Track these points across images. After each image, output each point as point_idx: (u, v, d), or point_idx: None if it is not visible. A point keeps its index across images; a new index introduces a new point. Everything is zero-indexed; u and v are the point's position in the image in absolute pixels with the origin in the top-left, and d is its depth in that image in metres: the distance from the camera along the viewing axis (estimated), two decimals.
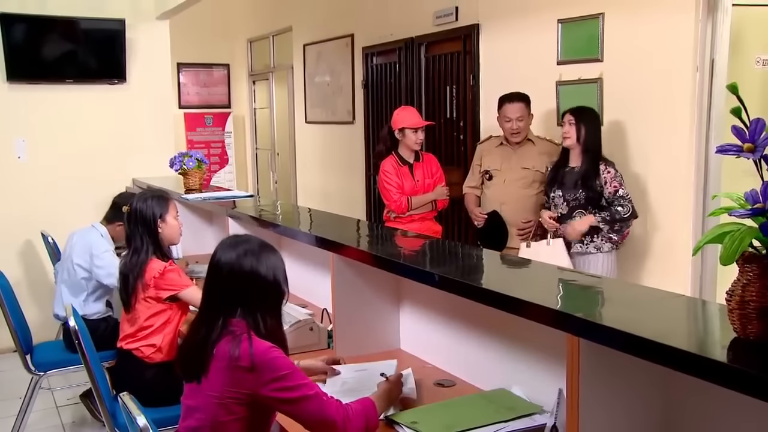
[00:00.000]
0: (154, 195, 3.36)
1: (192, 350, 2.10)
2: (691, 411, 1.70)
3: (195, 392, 2.06)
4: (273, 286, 2.13)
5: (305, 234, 3.16)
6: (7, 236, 5.49)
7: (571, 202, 3.85)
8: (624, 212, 3.73)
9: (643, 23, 3.98)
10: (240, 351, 1.96)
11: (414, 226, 4.31)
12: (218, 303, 2.11)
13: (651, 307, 1.79)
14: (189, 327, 2.23)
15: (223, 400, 1.98)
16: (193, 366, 2.07)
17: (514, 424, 2.02)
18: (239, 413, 2.00)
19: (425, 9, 5.74)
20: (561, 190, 3.90)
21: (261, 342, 2.00)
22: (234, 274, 2.10)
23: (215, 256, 2.15)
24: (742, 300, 1.38)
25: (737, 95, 1.33)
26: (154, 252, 3.22)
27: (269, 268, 2.12)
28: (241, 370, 1.96)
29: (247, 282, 2.10)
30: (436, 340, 2.64)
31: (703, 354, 1.37)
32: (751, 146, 1.32)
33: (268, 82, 9.43)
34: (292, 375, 1.99)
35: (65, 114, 5.70)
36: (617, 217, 3.73)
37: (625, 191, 3.76)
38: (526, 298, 1.82)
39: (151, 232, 3.24)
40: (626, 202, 3.74)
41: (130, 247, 3.26)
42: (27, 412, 3.85)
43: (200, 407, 2.04)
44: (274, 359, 1.98)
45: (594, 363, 1.64)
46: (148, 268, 3.18)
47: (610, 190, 3.75)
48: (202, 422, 2.04)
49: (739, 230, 1.35)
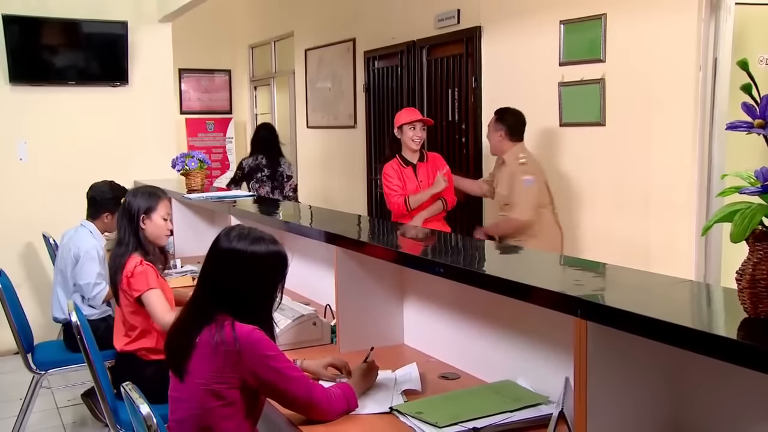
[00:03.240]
0: (146, 190, 3.27)
1: (176, 341, 2.11)
2: (701, 397, 1.68)
3: (181, 383, 2.07)
4: (269, 273, 2.13)
5: (309, 228, 3.15)
6: (8, 238, 5.48)
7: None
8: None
9: (645, 23, 3.98)
10: (224, 336, 1.97)
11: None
12: (209, 293, 2.11)
13: (657, 291, 1.78)
14: (176, 318, 2.23)
15: (210, 386, 1.99)
16: (177, 358, 2.08)
17: (519, 414, 2.01)
18: (227, 398, 2.00)
19: (427, 12, 5.75)
20: None
21: (243, 326, 2.01)
22: (231, 258, 2.10)
23: (214, 242, 2.16)
24: (753, 279, 1.37)
25: (747, 71, 1.32)
26: (135, 248, 3.12)
27: (266, 254, 2.12)
28: (226, 354, 1.96)
29: (243, 267, 2.09)
30: (440, 335, 2.63)
31: (715, 332, 1.36)
32: (761, 122, 1.31)
33: (269, 87, 9.44)
34: (278, 357, 2.01)
35: (67, 116, 5.70)
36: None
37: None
38: (532, 283, 1.81)
39: (133, 226, 3.14)
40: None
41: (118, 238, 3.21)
42: (28, 411, 3.83)
43: (187, 397, 2.05)
44: (259, 340, 1.99)
45: (601, 348, 1.62)
46: (126, 263, 3.07)
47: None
48: (190, 411, 2.04)
49: (750, 208, 1.34)
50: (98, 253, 4.02)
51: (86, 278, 3.95)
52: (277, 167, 6.09)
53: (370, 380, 2.29)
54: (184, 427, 2.07)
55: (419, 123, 4.42)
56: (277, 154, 6.16)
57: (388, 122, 6.46)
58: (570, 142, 4.50)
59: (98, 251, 4.02)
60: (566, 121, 4.50)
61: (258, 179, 6.01)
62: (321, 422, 2.05)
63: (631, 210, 4.11)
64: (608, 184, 4.25)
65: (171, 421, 2.12)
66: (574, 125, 4.45)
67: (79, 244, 4.00)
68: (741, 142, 3.85)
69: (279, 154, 6.17)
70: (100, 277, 3.98)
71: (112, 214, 4.09)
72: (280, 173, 6.09)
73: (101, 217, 4.12)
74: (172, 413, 2.12)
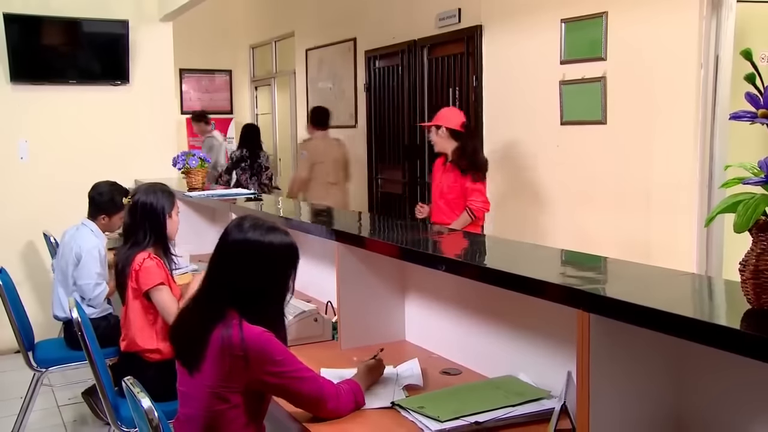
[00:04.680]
0: (163, 189, 3.23)
1: (187, 336, 2.06)
2: (703, 390, 1.68)
3: (188, 379, 2.03)
4: (283, 265, 2.08)
5: (310, 225, 3.14)
6: (9, 237, 5.48)
7: None
8: None
9: (646, 21, 3.98)
10: (232, 339, 1.91)
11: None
12: (219, 286, 2.05)
13: (660, 283, 1.78)
14: (181, 309, 2.19)
15: (216, 390, 1.95)
16: (189, 353, 2.03)
17: (522, 409, 2.00)
18: (234, 401, 1.97)
19: (428, 11, 5.75)
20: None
21: (252, 327, 1.95)
22: (244, 250, 2.05)
23: (225, 233, 2.11)
24: (757, 269, 1.37)
25: (751, 61, 1.32)
26: (155, 246, 3.09)
27: (281, 245, 2.08)
28: (233, 358, 1.91)
29: (258, 258, 2.05)
30: (442, 331, 2.62)
31: (719, 323, 1.35)
32: (765, 111, 1.31)
33: (270, 87, 9.45)
34: (286, 360, 1.97)
35: (68, 115, 5.70)
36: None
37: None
38: (535, 276, 1.81)
39: (158, 225, 3.10)
40: None
41: (129, 239, 3.14)
42: (28, 409, 3.82)
43: (195, 396, 2.02)
44: (267, 343, 1.94)
45: (604, 341, 1.61)
46: (134, 259, 3.03)
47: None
48: (198, 411, 2.01)
49: (753, 198, 1.34)
50: (99, 252, 4.01)
51: (87, 278, 3.94)
52: (256, 159, 7.30)
53: (376, 377, 2.28)
54: (191, 422, 2.05)
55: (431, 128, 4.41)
56: (257, 148, 7.38)
57: (389, 122, 6.48)
58: (571, 141, 4.50)
59: (100, 250, 4.02)
60: (567, 119, 4.50)
61: (242, 168, 7.23)
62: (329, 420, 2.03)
63: (632, 208, 4.11)
64: (609, 183, 4.25)
65: (181, 414, 2.11)
66: (575, 123, 4.45)
67: (81, 243, 3.99)
68: (743, 140, 3.86)
69: (259, 148, 7.41)
70: (100, 277, 3.97)
71: (109, 216, 4.09)
72: (259, 164, 7.31)
73: (98, 219, 4.11)
74: (182, 405, 2.10)
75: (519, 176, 4.87)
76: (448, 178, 4.31)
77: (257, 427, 2.08)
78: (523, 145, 4.83)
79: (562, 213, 4.52)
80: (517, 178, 4.90)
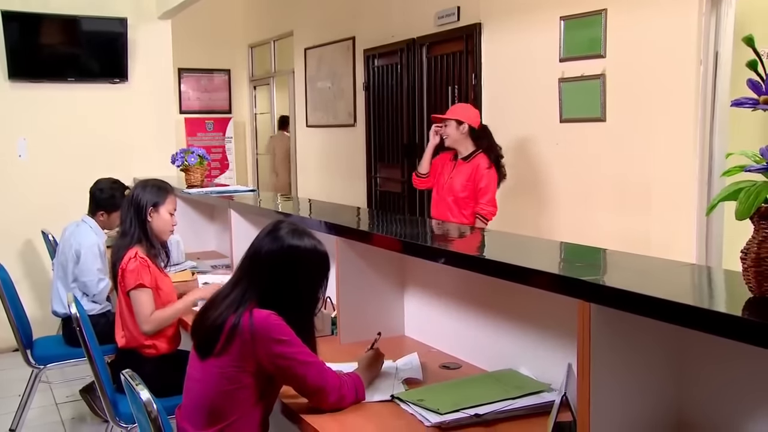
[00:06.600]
0: (156, 184, 3.26)
1: (206, 327, 2.08)
2: (705, 380, 1.67)
3: (199, 364, 2.07)
4: (318, 273, 2.14)
5: (310, 219, 3.14)
6: (7, 235, 5.47)
7: None
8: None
9: (645, 18, 3.98)
10: (242, 320, 1.98)
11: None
12: (252, 289, 2.07)
13: (661, 273, 1.77)
14: (206, 305, 2.18)
15: (226, 371, 1.99)
16: (206, 341, 2.06)
17: (522, 401, 2.00)
18: (243, 382, 2.00)
19: (427, 9, 5.75)
20: None
21: (261, 311, 2.00)
22: (283, 255, 2.09)
23: (261, 238, 2.14)
24: (758, 257, 1.36)
25: (753, 48, 1.32)
26: (138, 240, 3.10)
27: (319, 253, 2.13)
28: (242, 339, 1.97)
29: (296, 264, 2.09)
30: (441, 325, 2.62)
31: (721, 310, 1.35)
32: (767, 98, 1.30)
33: (268, 87, 9.44)
34: (292, 341, 2.00)
35: (66, 113, 5.69)
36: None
37: None
38: (535, 267, 1.80)
39: (140, 219, 3.12)
40: None
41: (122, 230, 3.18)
42: (27, 406, 3.82)
43: (204, 379, 2.05)
44: (273, 323, 1.99)
45: (605, 332, 1.61)
46: (126, 254, 3.05)
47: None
48: (205, 394, 2.04)
49: (755, 185, 1.33)
50: (99, 248, 4.01)
51: (89, 275, 3.94)
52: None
53: (377, 370, 2.28)
54: (196, 408, 2.07)
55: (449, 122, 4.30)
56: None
57: (388, 120, 6.47)
58: (570, 138, 4.49)
59: (99, 247, 4.01)
60: (566, 117, 4.49)
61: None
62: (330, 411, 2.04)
63: (632, 205, 4.11)
64: (609, 180, 4.25)
65: (185, 404, 2.13)
66: (575, 121, 4.45)
67: (80, 240, 3.99)
68: (742, 136, 3.86)
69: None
70: (101, 273, 3.98)
71: (108, 213, 4.09)
72: None
73: (96, 215, 4.12)
74: (187, 396, 2.12)
75: (518, 174, 4.85)
76: (461, 176, 4.21)
77: (265, 411, 2.09)
78: (522, 143, 4.83)
79: (562, 210, 4.51)
80: (517, 175, 4.88)
